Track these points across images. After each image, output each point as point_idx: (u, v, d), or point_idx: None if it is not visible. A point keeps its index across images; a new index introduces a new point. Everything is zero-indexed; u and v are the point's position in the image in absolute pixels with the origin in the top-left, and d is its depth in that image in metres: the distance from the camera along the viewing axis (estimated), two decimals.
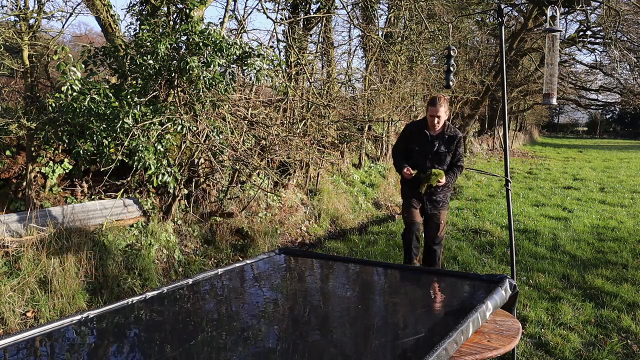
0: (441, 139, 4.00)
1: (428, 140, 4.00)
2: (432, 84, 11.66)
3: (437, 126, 3.94)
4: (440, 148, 3.99)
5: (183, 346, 1.56)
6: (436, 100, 3.93)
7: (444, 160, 4.01)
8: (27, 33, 4.45)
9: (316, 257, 2.64)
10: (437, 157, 4.00)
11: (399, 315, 1.90)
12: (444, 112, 3.92)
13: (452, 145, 4.00)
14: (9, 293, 3.60)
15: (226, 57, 4.61)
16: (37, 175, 4.66)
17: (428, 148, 3.99)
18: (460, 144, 4.04)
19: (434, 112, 3.90)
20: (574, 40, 17.08)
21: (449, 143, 4.00)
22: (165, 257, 4.87)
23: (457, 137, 4.01)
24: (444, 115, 3.92)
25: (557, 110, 47.48)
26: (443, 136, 4.00)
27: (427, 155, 4.00)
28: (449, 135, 4.01)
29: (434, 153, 3.99)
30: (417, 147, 4.03)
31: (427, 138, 4.00)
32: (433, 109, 3.91)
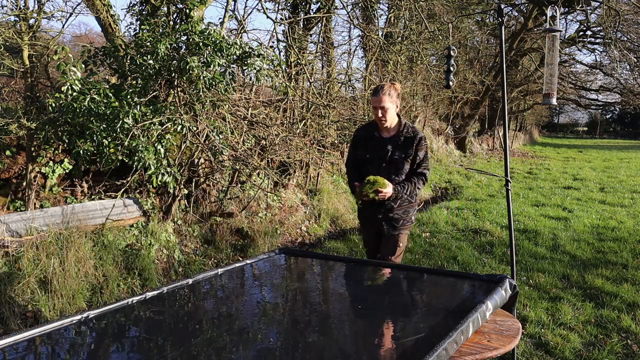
0: (395, 142, 3.15)
1: (379, 144, 3.17)
2: (432, 84, 11.67)
3: (385, 122, 3.11)
4: (395, 153, 3.13)
5: (183, 346, 1.56)
6: (378, 89, 3.10)
7: (402, 168, 3.14)
8: (27, 33, 4.45)
9: (316, 257, 2.64)
10: (393, 165, 3.14)
11: (399, 315, 1.90)
12: (390, 102, 3.07)
13: (409, 149, 3.12)
14: (9, 293, 3.60)
15: (226, 57, 4.61)
16: (37, 175, 4.66)
17: (380, 154, 3.15)
18: (422, 146, 3.15)
19: (376, 102, 3.07)
20: (574, 40, 17.09)
21: (406, 146, 3.13)
22: (165, 257, 4.87)
23: (417, 138, 3.14)
24: (391, 106, 3.08)
25: (557, 110, 47.50)
26: (397, 138, 3.14)
27: (380, 164, 3.16)
28: (406, 136, 3.14)
29: (387, 160, 3.14)
30: (367, 154, 3.20)
31: (378, 142, 3.18)
32: (374, 99, 3.09)
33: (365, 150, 3.21)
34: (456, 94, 14.31)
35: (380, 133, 3.18)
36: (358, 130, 3.37)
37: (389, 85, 3.10)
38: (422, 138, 3.15)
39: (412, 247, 5.86)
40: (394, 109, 3.10)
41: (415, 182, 3.13)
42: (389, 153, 3.13)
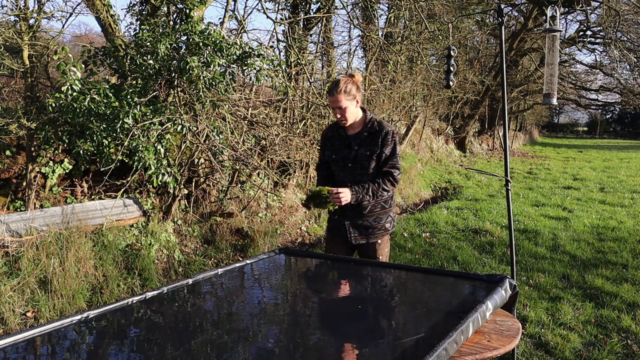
0: (359, 139, 2.85)
1: (343, 143, 2.90)
2: (432, 84, 11.67)
3: (345, 122, 2.83)
4: (359, 151, 2.83)
5: (183, 346, 1.56)
6: (333, 87, 2.78)
7: (367, 167, 2.83)
8: (27, 33, 4.45)
9: (316, 257, 2.64)
10: (358, 165, 2.84)
11: (399, 315, 1.90)
12: (348, 99, 2.76)
13: (374, 145, 2.81)
14: (9, 293, 3.60)
15: (226, 57, 4.62)
16: (37, 175, 4.66)
17: (344, 154, 2.88)
18: (388, 142, 2.81)
19: (333, 102, 2.78)
20: (574, 40, 17.09)
21: (371, 142, 2.82)
22: (165, 257, 4.87)
23: (382, 132, 2.82)
24: (350, 104, 2.78)
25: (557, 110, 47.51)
26: (361, 134, 2.86)
27: (345, 164, 2.88)
28: (370, 132, 2.84)
29: (352, 159, 2.85)
30: (333, 155, 2.93)
31: (342, 141, 2.90)
32: (330, 99, 2.80)
33: (332, 151, 2.94)
34: (456, 94, 14.31)
35: (344, 131, 2.90)
36: (324, 131, 3.10)
37: (345, 80, 2.78)
38: (388, 132, 2.81)
39: (412, 247, 5.86)
40: (354, 105, 2.80)
41: (380, 183, 2.78)
42: (352, 151, 2.85)
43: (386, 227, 2.92)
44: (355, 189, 2.74)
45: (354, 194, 2.73)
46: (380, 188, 2.78)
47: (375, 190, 2.77)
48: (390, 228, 2.94)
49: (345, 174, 2.88)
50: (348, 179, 2.85)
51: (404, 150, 12.01)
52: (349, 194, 2.72)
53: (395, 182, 2.82)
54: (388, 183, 2.79)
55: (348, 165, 2.86)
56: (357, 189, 2.75)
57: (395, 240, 6.18)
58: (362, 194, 2.75)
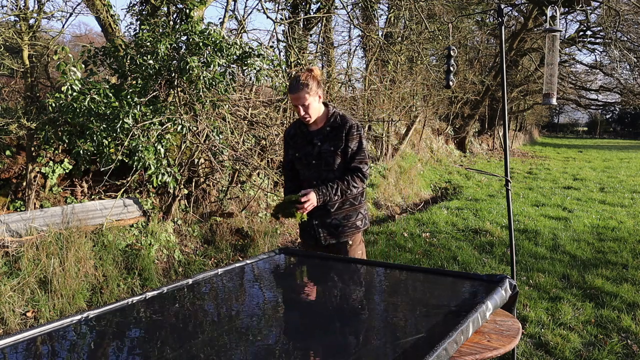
0: (322, 134, 2.69)
1: (306, 139, 2.75)
2: (432, 84, 11.68)
3: (309, 119, 2.67)
4: (323, 147, 2.67)
5: (183, 346, 1.56)
6: (294, 83, 2.62)
7: (333, 164, 2.66)
8: (27, 33, 4.45)
9: (316, 257, 2.64)
10: (323, 161, 2.68)
11: (399, 315, 1.90)
12: (310, 95, 2.61)
13: (338, 140, 2.65)
14: (9, 293, 3.60)
15: (226, 57, 4.62)
16: (37, 175, 4.66)
17: (307, 150, 2.73)
18: (353, 135, 2.65)
19: (295, 100, 2.63)
20: (574, 40, 17.09)
21: (334, 137, 2.66)
22: (165, 257, 4.87)
23: (347, 126, 2.65)
24: (313, 99, 2.62)
25: (557, 110, 47.51)
26: (324, 129, 2.70)
27: (309, 161, 2.72)
28: (333, 126, 2.68)
29: (315, 156, 2.69)
30: (297, 153, 2.79)
31: (305, 137, 2.75)
32: (292, 97, 2.64)
33: (295, 149, 2.79)
34: (456, 94, 14.32)
35: (307, 127, 2.75)
36: (287, 129, 2.94)
37: (305, 75, 2.61)
38: (352, 126, 2.65)
39: (412, 247, 5.86)
40: (317, 101, 2.64)
41: (349, 180, 2.63)
42: (315, 147, 2.69)
43: (357, 224, 2.77)
44: (321, 190, 2.59)
45: (320, 196, 2.58)
46: (350, 185, 2.64)
47: (344, 189, 2.63)
48: (361, 226, 2.80)
49: (310, 171, 2.74)
50: (313, 177, 2.72)
51: (404, 151, 12.01)
52: (314, 196, 2.57)
53: (365, 178, 2.69)
54: (357, 179, 2.65)
55: (312, 163, 2.71)
56: (323, 190, 2.60)
57: (395, 240, 6.18)
58: (329, 194, 2.60)
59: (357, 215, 2.78)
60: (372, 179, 9.41)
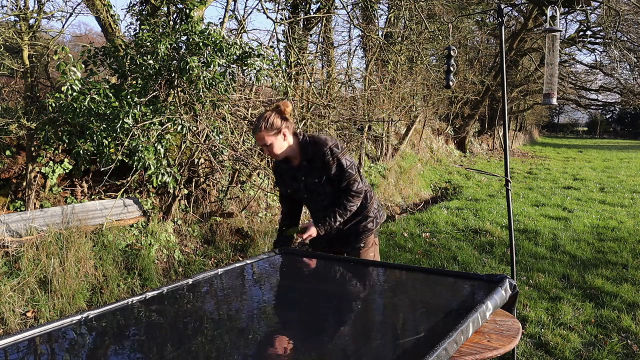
0: (303, 170, 2.68)
1: (291, 176, 2.74)
2: (432, 84, 11.68)
3: (277, 157, 2.65)
4: (308, 181, 2.67)
5: (183, 346, 1.57)
6: (255, 124, 2.60)
7: (323, 193, 2.68)
8: (27, 33, 4.45)
9: (316, 257, 2.64)
10: (314, 194, 2.70)
11: (399, 315, 1.90)
12: (272, 135, 2.56)
13: (319, 171, 2.62)
14: (9, 293, 3.60)
15: (226, 57, 4.62)
16: (37, 175, 4.66)
17: (296, 186, 2.74)
18: (330, 162, 2.59)
19: (258, 141, 2.61)
20: (574, 40, 17.10)
21: (314, 170, 2.63)
22: (165, 257, 4.87)
23: (320, 154, 2.60)
24: (275, 139, 2.57)
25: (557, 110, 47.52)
26: (302, 164, 2.67)
27: (300, 196, 2.78)
28: (308, 159, 2.64)
29: (304, 190, 2.71)
30: (287, 189, 2.82)
31: (289, 173, 2.74)
32: (255, 138, 2.62)
33: (284, 186, 2.82)
34: (456, 94, 14.32)
35: (289, 163, 2.72)
36: (273, 166, 2.94)
37: (267, 115, 2.56)
38: (325, 153, 2.58)
39: (412, 247, 5.86)
40: (282, 138, 2.58)
41: (344, 203, 2.63)
42: (301, 183, 2.70)
43: (368, 227, 2.78)
44: (320, 223, 2.64)
45: (321, 229, 2.64)
46: (347, 208, 2.65)
47: (343, 213, 2.65)
48: (373, 227, 2.80)
49: (306, 203, 2.81)
50: (312, 207, 2.79)
51: (404, 151, 12.01)
52: (314, 230, 2.64)
53: (358, 194, 2.66)
54: (350, 199, 2.64)
55: (304, 197, 2.75)
56: (323, 222, 2.64)
57: (395, 240, 6.18)
58: (329, 224, 2.64)
59: (367, 218, 2.79)
60: (372, 179, 9.41)
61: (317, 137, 2.65)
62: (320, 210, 2.73)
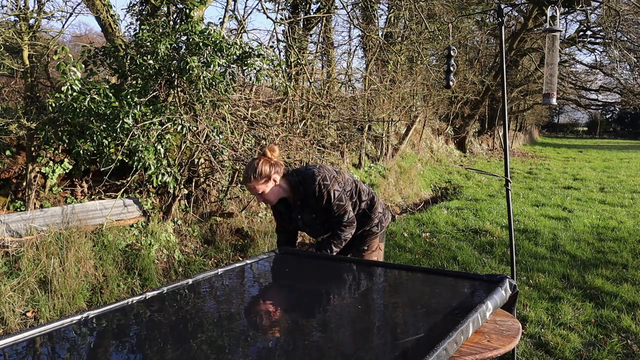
0: (297, 208, 2.72)
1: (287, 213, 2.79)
2: (432, 84, 11.68)
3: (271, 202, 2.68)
4: (304, 217, 2.71)
5: (183, 346, 1.57)
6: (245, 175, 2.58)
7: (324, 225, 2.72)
8: (27, 33, 4.45)
9: (316, 257, 2.64)
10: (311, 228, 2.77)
11: (399, 315, 1.90)
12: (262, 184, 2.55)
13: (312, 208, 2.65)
14: (9, 293, 3.60)
15: (226, 57, 4.62)
16: (37, 175, 4.66)
17: (294, 223, 2.80)
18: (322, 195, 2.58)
19: (250, 190, 2.61)
20: (574, 40, 17.10)
21: (308, 206, 2.66)
22: (165, 257, 4.87)
23: (312, 190, 2.58)
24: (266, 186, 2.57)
25: (557, 110, 47.52)
26: (296, 203, 2.70)
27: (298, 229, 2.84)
28: (300, 199, 2.64)
29: (302, 226, 2.78)
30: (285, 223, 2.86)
31: (286, 211, 2.79)
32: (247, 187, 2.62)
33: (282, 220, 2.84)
34: (456, 94, 14.32)
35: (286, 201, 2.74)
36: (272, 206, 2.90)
37: (253, 165, 2.54)
38: (315, 191, 2.57)
39: (412, 247, 5.86)
40: (273, 184, 2.58)
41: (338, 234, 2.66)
42: (299, 220, 2.74)
43: (373, 231, 2.81)
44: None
45: None
46: (341, 238, 2.67)
47: (337, 243, 2.68)
48: (378, 230, 2.82)
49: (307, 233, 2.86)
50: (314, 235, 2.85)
51: (404, 151, 12.02)
52: None
53: (349, 224, 2.67)
54: (343, 229, 2.66)
55: (305, 229, 2.80)
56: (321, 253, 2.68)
57: (395, 240, 6.18)
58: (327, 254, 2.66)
59: (372, 223, 2.80)
60: (372, 179, 9.41)
61: (305, 174, 2.63)
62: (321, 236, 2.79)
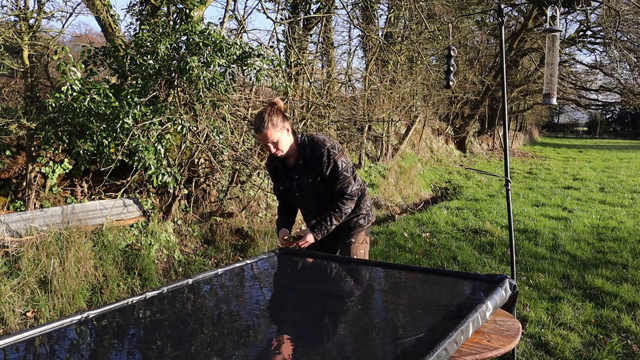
0: (298, 169, 2.66)
1: (286, 174, 2.73)
2: (432, 84, 11.68)
3: (282, 154, 2.59)
4: (301, 180, 2.66)
5: (183, 346, 1.57)
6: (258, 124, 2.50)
7: (317, 195, 2.67)
8: (27, 33, 4.45)
9: (316, 257, 2.64)
10: (307, 193, 2.69)
11: (399, 315, 1.90)
12: (277, 132, 2.50)
13: (314, 172, 2.60)
14: (9, 293, 3.60)
15: (226, 57, 4.62)
16: (37, 175, 4.66)
17: (289, 185, 2.73)
18: (328, 162, 2.57)
19: (263, 140, 2.54)
20: (574, 40, 17.10)
21: (310, 170, 2.61)
22: (165, 257, 4.87)
23: (317, 155, 2.58)
24: (281, 135, 2.53)
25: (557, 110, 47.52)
26: (298, 164, 2.64)
27: (293, 194, 2.76)
28: (305, 159, 2.61)
29: (297, 189, 2.70)
30: (280, 186, 2.80)
31: (284, 172, 2.74)
32: (260, 137, 2.54)
33: (278, 182, 2.79)
34: (456, 94, 14.32)
35: (284, 161, 2.70)
36: (267, 162, 2.91)
37: (268, 112, 2.50)
38: (322, 154, 2.56)
39: (412, 247, 5.86)
40: (286, 134, 2.55)
41: (339, 206, 2.62)
42: (294, 182, 2.69)
43: (360, 223, 2.78)
44: (316, 227, 2.64)
45: (317, 233, 2.64)
46: (342, 211, 2.64)
47: (338, 216, 2.64)
48: (364, 224, 2.81)
49: (297, 202, 2.81)
50: (303, 206, 2.80)
51: (404, 151, 12.01)
52: (311, 237, 2.64)
53: (352, 197, 2.65)
54: (345, 202, 2.63)
55: (296, 195, 2.74)
56: (319, 227, 2.64)
57: (395, 240, 6.18)
58: (325, 228, 2.64)
59: (359, 215, 2.80)
60: (372, 179, 9.41)
61: (316, 137, 2.63)
62: (310, 210, 2.75)
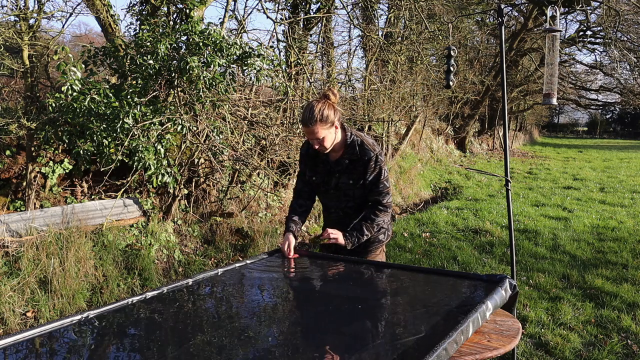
0: (340, 166, 2.54)
1: (325, 168, 2.61)
2: (432, 84, 11.68)
3: (326, 150, 2.48)
4: (341, 179, 2.55)
5: (183, 346, 1.57)
6: (307, 116, 2.38)
7: (351, 195, 2.57)
8: (27, 33, 4.45)
9: (316, 257, 2.64)
10: (341, 192, 2.58)
11: (399, 315, 1.90)
12: (326, 128, 2.39)
13: (357, 174, 2.51)
14: (9, 293, 3.60)
15: (226, 57, 4.62)
16: (37, 175, 4.66)
17: (326, 179, 2.61)
18: (371, 168, 2.49)
19: (309, 134, 2.43)
20: (574, 40, 17.10)
21: (352, 171, 2.52)
22: (165, 257, 4.87)
23: (365, 159, 2.48)
24: (328, 132, 2.41)
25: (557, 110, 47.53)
26: (342, 161, 2.54)
27: (327, 189, 2.63)
28: (351, 159, 2.51)
29: (333, 187, 2.59)
30: (314, 177, 2.66)
31: (323, 165, 2.61)
32: (306, 130, 2.43)
33: (313, 172, 2.66)
34: (456, 94, 14.31)
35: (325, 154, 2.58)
36: (303, 147, 2.74)
37: (319, 106, 2.37)
38: (371, 158, 2.47)
39: (412, 247, 5.86)
40: (334, 130, 2.44)
41: (372, 217, 2.55)
42: (333, 179, 2.58)
43: (379, 238, 2.71)
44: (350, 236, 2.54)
45: (349, 242, 2.54)
46: (375, 222, 2.56)
47: (371, 227, 2.56)
48: (384, 239, 2.75)
49: (328, 199, 2.68)
50: (332, 205, 2.68)
51: (404, 151, 12.01)
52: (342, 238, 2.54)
53: (387, 208, 2.57)
54: (379, 213, 2.56)
55: (330, 192, 2.63)
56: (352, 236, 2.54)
57: (396, 240, 6.18)
58: (358, 239, 2.55)
59: (380, 228, 2.70)
60: None
61: (366, 140, 2.55)
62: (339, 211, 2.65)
